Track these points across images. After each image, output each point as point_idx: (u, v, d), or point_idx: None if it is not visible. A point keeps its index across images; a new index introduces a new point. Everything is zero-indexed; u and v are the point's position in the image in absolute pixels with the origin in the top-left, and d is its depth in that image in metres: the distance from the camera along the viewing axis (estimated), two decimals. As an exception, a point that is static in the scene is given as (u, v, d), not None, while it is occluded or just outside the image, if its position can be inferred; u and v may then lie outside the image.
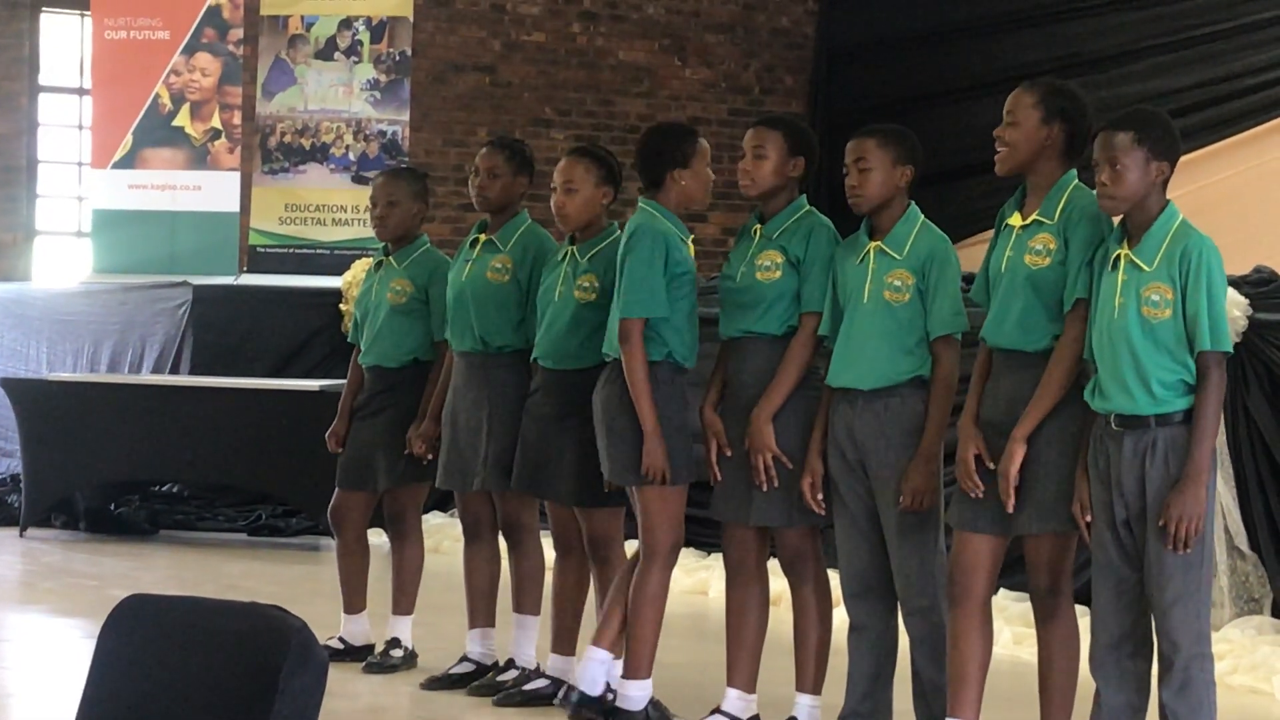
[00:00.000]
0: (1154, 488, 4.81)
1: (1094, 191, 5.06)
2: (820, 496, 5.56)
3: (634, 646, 5.96)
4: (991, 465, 5.09)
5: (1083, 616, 5.27)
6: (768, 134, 5.79)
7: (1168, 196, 4.93)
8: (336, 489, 7.21)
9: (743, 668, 5.90)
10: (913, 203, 5.53)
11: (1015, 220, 5.17)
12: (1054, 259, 5.06)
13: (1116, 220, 4.98)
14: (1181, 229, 4.86)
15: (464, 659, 6.83)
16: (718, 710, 5.92)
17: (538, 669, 6.58)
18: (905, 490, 5.33)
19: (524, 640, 6.68)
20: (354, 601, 7.25)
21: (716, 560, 8.99)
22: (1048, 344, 5.07)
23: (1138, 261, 4.83)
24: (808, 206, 5.81)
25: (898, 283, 5.40)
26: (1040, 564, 5.14)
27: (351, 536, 7.22)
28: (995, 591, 5.38)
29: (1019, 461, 5.03)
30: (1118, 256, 4.87)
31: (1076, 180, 5.16)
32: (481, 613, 6.86)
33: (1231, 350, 4.88)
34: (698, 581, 9.27)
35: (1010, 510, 5.05)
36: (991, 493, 5.09)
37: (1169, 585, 4.80)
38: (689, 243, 6.04)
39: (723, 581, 6.04)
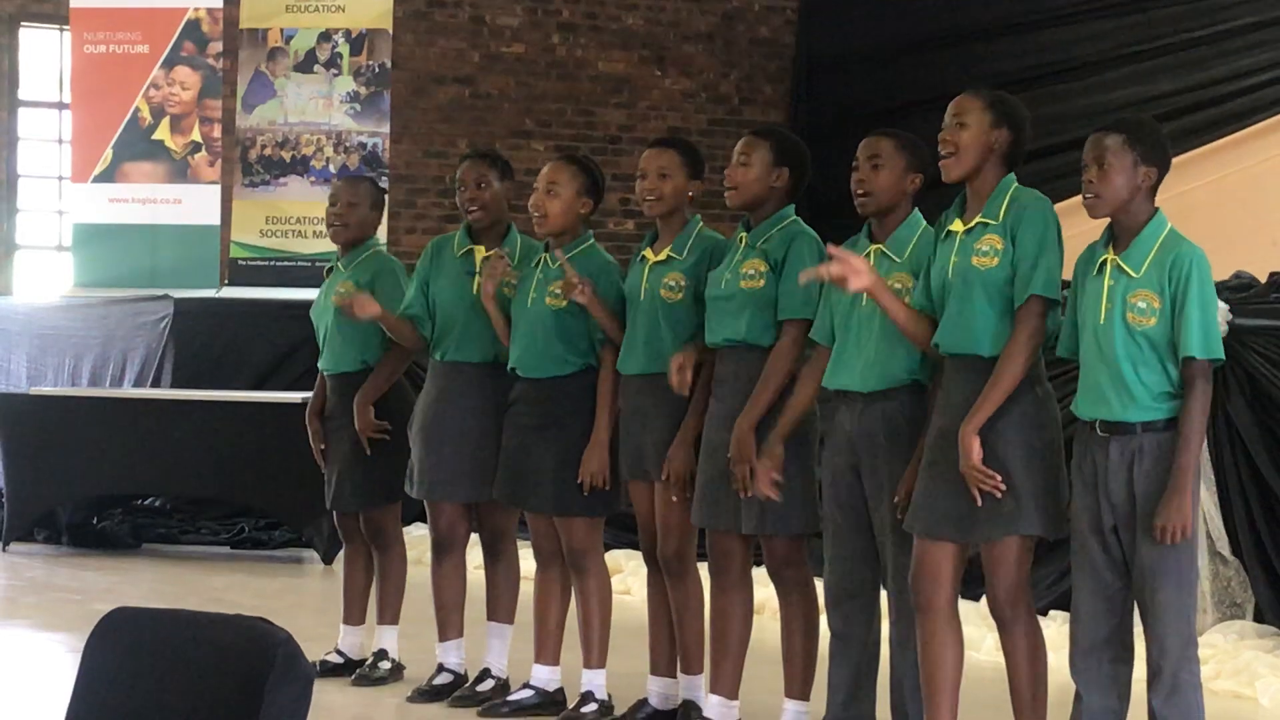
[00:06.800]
0: (1142, 493, 4.80)
1: (1035, 192, 5.07)
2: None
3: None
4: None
5: (1063, 624, 5.27)
6: (755, 142, 5.80)
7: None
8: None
9: (725, 675, 5.89)
10: (917, 209, 5.50)
11: (957, 226, 5.14)
12: (1002, 258, 5.02)
13: (1098, 222, 4.96)
14: (1171, 237, 4.85)
15: (442, 669, 6.81)
16: (701, 718, 5.93)
17: (507, 679, 6.62)
18: (900, 494, 5.26)
19: (500, 649, 6.69)
20: (354, 613, 7.25)
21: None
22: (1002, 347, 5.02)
23: (1125, 267, 4.82)
24: (794, 216, 5.81)
25: (898, 285, 5.30)
26: (997, 571, 5.08)
27: (359, 546, 7.23)
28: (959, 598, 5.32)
29: (977, 454, 4.96)
30: (1104, 261, 4.86)
31: (1016, 183, 5.13)
32: (454, 624, 6.85)
33: (1224, 358, 4.87)
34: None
35: (1000, 498, 4.97)
36: (949, 498, 5.03)
37: (1160, 591, 4.80)
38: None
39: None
